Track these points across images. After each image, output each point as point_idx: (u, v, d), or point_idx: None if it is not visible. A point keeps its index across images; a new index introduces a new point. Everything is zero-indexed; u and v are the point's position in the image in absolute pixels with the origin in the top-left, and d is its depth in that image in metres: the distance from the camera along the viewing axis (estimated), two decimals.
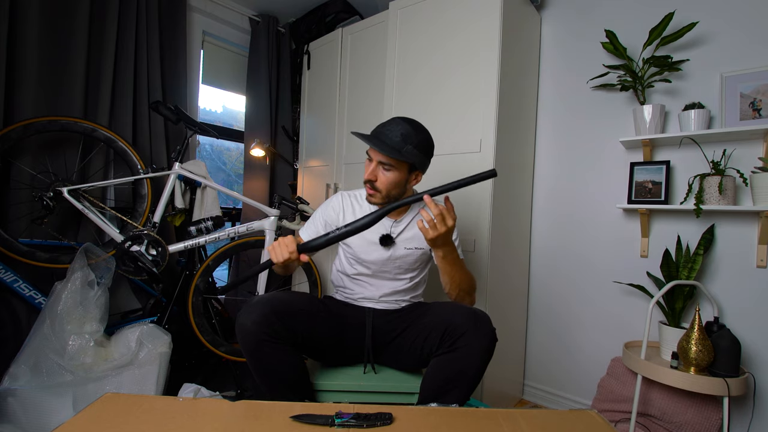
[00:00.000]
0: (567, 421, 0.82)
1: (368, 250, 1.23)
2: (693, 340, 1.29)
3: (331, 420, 0.73)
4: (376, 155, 1.14)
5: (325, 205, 1.31)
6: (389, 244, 1.22)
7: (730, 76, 1.50)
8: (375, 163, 1.15)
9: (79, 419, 0.71)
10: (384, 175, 1.14)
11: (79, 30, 1.83)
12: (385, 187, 1.15)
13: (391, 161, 1.12)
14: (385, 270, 1.25)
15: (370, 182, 1.16)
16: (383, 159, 1.13)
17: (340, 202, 1.29)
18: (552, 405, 1.93)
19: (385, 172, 1.14)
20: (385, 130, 1.14)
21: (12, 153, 1.67)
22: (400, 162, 1.13)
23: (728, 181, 1.42)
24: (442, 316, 1.10)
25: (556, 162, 1.96)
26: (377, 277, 1.26)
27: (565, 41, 1.94)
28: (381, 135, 1.14)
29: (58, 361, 1.34)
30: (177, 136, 2.24)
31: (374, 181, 1.15)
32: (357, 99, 2.28)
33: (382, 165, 1.14)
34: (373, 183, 1.15)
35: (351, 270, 1.28)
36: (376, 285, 1.27)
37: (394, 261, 1.24)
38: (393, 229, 1.24)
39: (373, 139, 1.13)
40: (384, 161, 1.13)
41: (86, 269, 1.49)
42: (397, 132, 1.13)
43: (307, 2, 2.64)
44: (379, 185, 1.15)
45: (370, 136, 1.15)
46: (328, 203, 1.31)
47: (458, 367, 1.03)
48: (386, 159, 1.12)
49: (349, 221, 1.18)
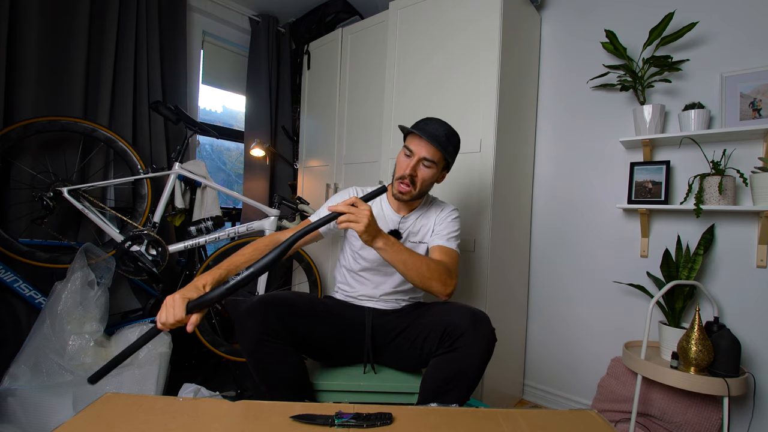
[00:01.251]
0: (567, 421, 0.82)
1: None
2: (693, 340, 1.29)
3: (331, 420, 0.72)
4: (422, 150, 1.15)
5: (338, 194, 1.32)
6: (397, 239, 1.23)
7: (730, 76, 1.50)
8: (417, 158, 1.15)
9: (79, 419, 0.71)
10: (423, 171, 1.17)
11: (79, 30, 1.83)
12: (421, 182, 1.18)
13: (436, 158, 1.15)
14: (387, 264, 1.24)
15: (411, 177, 1.16)
16: (429, 155, 1.15)
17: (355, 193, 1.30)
18: (552, 405, 1.93)
19: (426, 168, 1.17)
20: (429, 128, 1.16)
21: (12, 153, 1.67)
22: (441, 159, 1.17)
23: (728, 181, 1.42)
24: (442, 316, 1.10)
25: (556, 162, 1.96)
26: (380, 273, 1.27)
27: (565, 41, 1.94)
28: (430, 132, 1.15)
29: (58, 361, 1.34)
30: (177, 136, 2.24)
31: (414, 176, 1.16)
32: (357, 99, 2.28)
33: (424, 161, 1.15)
34: (413, 178, 1.17)
35: (356, 266, 1.29)
36: (378, 282, 1.27)
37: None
38: (401, 225, 1.27)
39: (424, 132, 1.14)
40: (429, 157, 1.15)
41: (86, 269, 1.49)
42: (442, 131, 1.16)
43: (307, 2, 2.64)
44: (417, 181, 1.17)
45: (421, 130, 1.15)
46: (343, 194, 1.31)
47: (458, 367, 1.03)
48: (433, 155, 1.15)
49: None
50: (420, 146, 1.15)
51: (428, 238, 1.27)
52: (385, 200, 1.31)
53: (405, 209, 1.29)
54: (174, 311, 0.89)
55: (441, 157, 1.17)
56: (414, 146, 1.16)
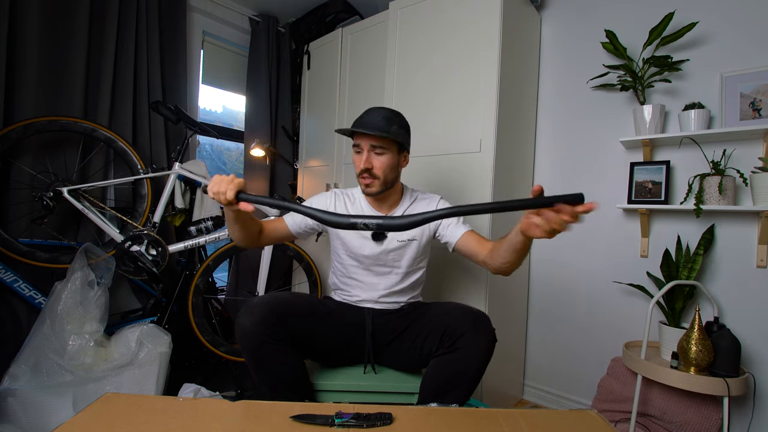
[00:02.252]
0: (567, 421, 0.82)
1: (362, 244, 1.24)
2: (693, 340, 1.29)
3: (331, 420, 0.73)
4: (366, 142, 1.17)
5: (316, 197, 1.31)
6: (381, 238, 1.23)
7: (730, 76, 1.50)
8: (366, 150, 1.17)
9: (79, 419, 0.71)
10: (378, 160, 1.17)
11: (79, 30, 1.83)
12: (382, 171, 1.18)
13: (382, 143, 1.16)
14: (379, 263, 1.25)
15: (368, 171, 1.17)
16: (375, 142, 1.16)
17: (332, 199, 1.29)
18: (552, 405, 1.93)
19: (378, 156, 1.17)
20: (365, 120, 1.18)
21: (12, 153, 1.67)
22: (390, 143, 1.17)
23: (728, 181, 1.42)
24: (442, 316, 1.10)
25: (556, 162, 1.96)
26: (373, 273, 1.25)
27: (565, 41, 1.94)
28: (365, 123, 1.17)
29: (58, 361, 1.34)
30: (177, 136, 2.24)
31: (371, 168, 1.17)
32: (357, 99, 2.28)
33: (373, 150, 1.17)
34: (370, 171, 1.17)
35: (346, 267, 1.28)
36: (372, 284, 1.26)
37: (388, 254, 1.24)
38: None
39: (359, 126, 1.16)
40: (375, 144, 1.16)
41: (86, 269, 1.49)
42: (378, 117, 1.17)
43: (307, 2, 2.64)
44: (376, 171, 1.17)
45: (357, 125, 1.17)
46: (320, 197, 1.30)
47: (458, 367, 1.03)
48: (377, 141, 1.15)
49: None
50: (363, 139, 1.17)
51: (438, 230, 1.25)
52: (365, 201, 1.29)
53: (385, 207, 1.27)
54: (229, 184, 0.93)
55: (389, 141, 1.17)
56: (359, 140, 1.19)
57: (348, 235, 1.24)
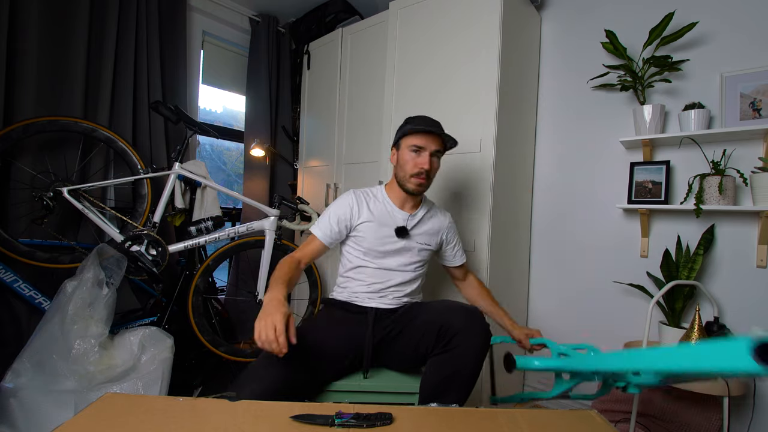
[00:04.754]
0: (567, 421, 0.82)
1: (384, 241, 1.26)
2: (693, 340, 1.29)
3: (331, 420, 0.72)
4: (432, 144, 1.21)
5: (337, 202, 1.29)
6: (405, 235, 1.26)
7: (730, 76, 1.50)
8: (429, 152, 1.21)
9: (79, 419, 0.72)
10: (435, 163, 1.24)
11: (79, 30, 1.83)
12: (435, 174, 1.26)
13: (442, 147, 1.25)
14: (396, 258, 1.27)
15: (427, 172, 1.22)
16: (438, 147, 1.23)
17: (354, 200, 1.28)
18: (552, 405, 1.93)
19: (436, 160, 1.25)
20: (428, 124, 1.22)
21: (12, 153, 1.67)
22: (443, 150, 1.27)
23: (728, 181, 1.42)
24: (436, 315, 1.10)
25: (556, 162, 1.96)
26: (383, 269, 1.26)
27: (565, 41, 1.94)
28: (436, 127, 1.22)
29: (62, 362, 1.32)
30: (177, 136, 2.24)
31: (430, 170, 1.22)
32: (357, 99, 2.28)
33: (435, 154, 1.23)
34: (429, 172, 1.22)
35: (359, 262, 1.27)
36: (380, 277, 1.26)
37: (407, 252, 1.28)
38: (409, 221, 1.28)
39: (428, 126, 1.21)
40: (438, 149, 1.23)
41: (98, 268, 1.48)
42: (438, 125, 1.24)
43: (307, 2, 2.64)
44: (433, 174, 1.25)
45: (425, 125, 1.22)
46: (342, 201, 1.28)
47: (454, 366, 1.03)
48: (440, 146, 1.23)
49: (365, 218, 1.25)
50: (428, 140, 1.21)
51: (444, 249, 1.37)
52: (386, 197, 1.29)
53: (409, 206, 1.30)
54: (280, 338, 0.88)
55: (444, 148, 1.26)
56: (423, 142, 1.21)
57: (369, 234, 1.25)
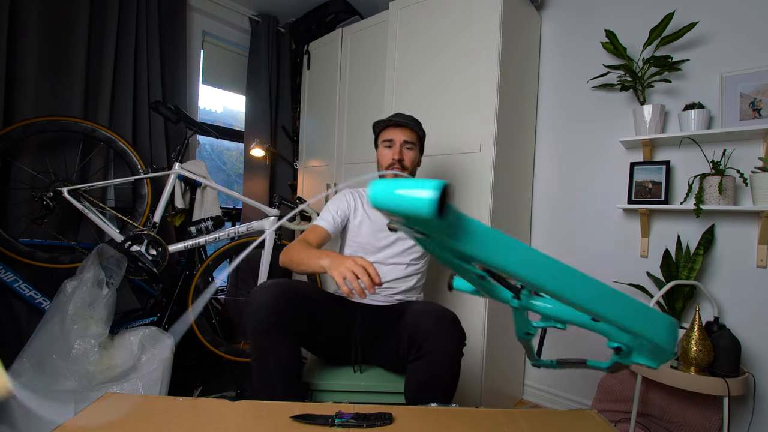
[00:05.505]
0: (567, 421, 0.82)
1: (379, 236, 1.31)
2: (693, 340, 1.29)
3: (331, 420, 0.72)
4: (400, 136, 1.28)
5: (335, 198, 1.37)
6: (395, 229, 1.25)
7: (730, 76, 1.50)
8: (399, 144, 1.28)
9: (79, 419, 0.72)
10: (409, 154, 1.29)
11: (79, 30, 1.83)
12: (410, 164, 1.30)
13: (414, 138, 1.29)
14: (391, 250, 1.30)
15: (400, 162, 1.26)
16: (408, 137, 1.28)
17: (350, 196, 1.37)
18: (552, 405, 1.93)
19: (409, 150, 1.29)
20: (399, 117, 1.29)
21: (12, 153, 1.67)
22: (418, 141, 1.32)
23: (728, 181, 1.42)
24: (410, 319, 1.06)
25: (556, 162, 1.96)
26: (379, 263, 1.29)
27: (565, 41, 1.94)
28: (401, 118, 1.28)
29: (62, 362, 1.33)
30: (177, 136, 2.24)
31: (402, 159, 1.27)
32: (357, 99, 2.28)
33: (405, 145, 1.28)
34: (402, 162, 1.27)
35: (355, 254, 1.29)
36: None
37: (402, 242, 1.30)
38: None
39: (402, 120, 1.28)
40: (407, 140, 1.28)
41: (98, 268, 1.48)
42: (408, 117, 1.30)
43: (307, 2, 2.64)
44: (406, 163, 1.28)
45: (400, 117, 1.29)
46: (339, 196, 1.37)
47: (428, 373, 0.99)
48: (410, 136, 1.28)
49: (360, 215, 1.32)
50: (397, 133, 1.28)
51: None
52: None
53: None
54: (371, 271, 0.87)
55: (417, 138, 1.31)
56: (393, 135, 1.29)
57: (365, 234, 1.30)
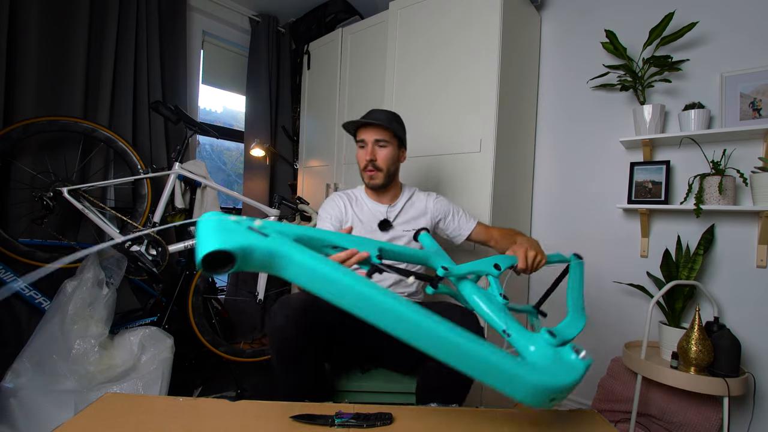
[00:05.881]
0: (567, 421, 0.83)
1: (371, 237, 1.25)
2: (693, 340, 1.29)
3: (331, 420, 0.73)
4: (371, 135, 1.24)
5: (326, 205, 1.34)
6: (388, 228, 1.28)
7: (730, 76, 1.50)
8: (370, 144, 1.24)
9: (79, 419, 0.72)
10: (381, 152, 1.25)
11: (79, 30, 1.83)
12: (385, 163, 1.25)
13: (385, 136, 1.24)
14: None
15: (372, 162, 1.24)
16: (379, 136, 1.24)
17: (339, 200, 1.34)
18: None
19: (382, 149, 1.25)
20: (370, 116, 1.26)
21: (12, 153, 1.67)
22: (392, 137, 1.26)
23: (728, 181, 1.42)
24: None
25: (556, 162, 1.96)
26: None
27: (565, 41, 1.94)
28: (371, 118, 1.25)
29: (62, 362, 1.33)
30: (177, 136, 2.24)
31: (375, 160, 1.24)
32: (357, 99, 2.28)
33: (377, 143, 1.25)
34: (374, 162, 1.24)
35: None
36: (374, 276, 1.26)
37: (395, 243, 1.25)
38: (389, 213, 1.31)
39: (370, 119, 1.24)
40: (379, 138, 1.24)
41: (98, 268, 1.48)
42: (381, 114, 1.27)
43: (307, 2, 2.64)
44: (379, 163, 1.25)
45: (366, 117, 1.25)
46: (329, 202, 1.35)
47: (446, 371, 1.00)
48: (381, 135, 1.24)
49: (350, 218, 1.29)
50: (368, 133, 1.25)
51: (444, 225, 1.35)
52: (365, 195, 1.35)
53: (386, 200, 1.33)
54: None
55: (391, 135, 1.25)
56: (364, 135, 1.26)
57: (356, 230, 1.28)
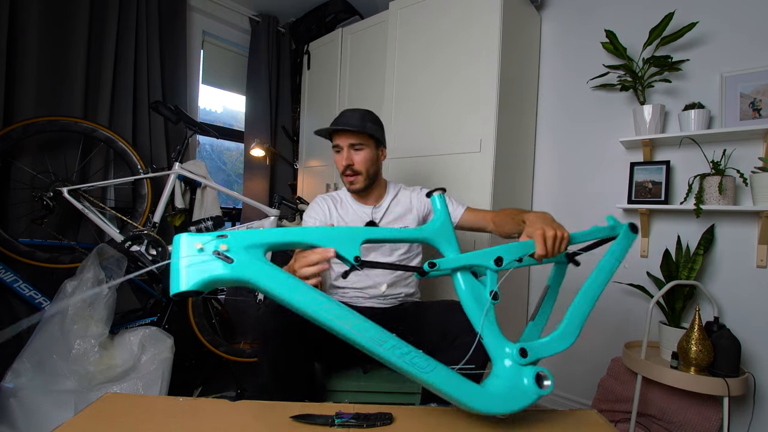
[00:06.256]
0: (567, 421, 0.82)
1: None
2: (693, 340, 1.29)
3: (331, 420, 0.72)
4: (345, 140, 1.22)
5: (310, 209, 1.32)
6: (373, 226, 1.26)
7: (730, 76, 1.50)
8: (346, 148, 1.22)
9: (79, 419, 0.72)
10: (358, 155, 1.23)
11: (79, 30, 1.83)
12: (363, 166, 1.23)
13: (360, 139, 1.22)
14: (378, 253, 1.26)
15: (349, 167, 1.22)
16: (353, 140, 1.22)
17: (324, 202, 1.32)
18: (552, 405, 1.93)
19: (358, 152, 1.23)
20: (341, 120, 1.23)
21: (12, 153, 1.67)
22: (368, 138, 1.23)
23: (728, 181, 1.42)
24: (437, 318, 1.08)
25: (556, 162, 1.96)
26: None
27: (565, 41, 1.94)
28: (341, 123, 1.22)
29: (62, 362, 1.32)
30: (177, 136, 2.24)
31: (352, 164, 1.22)
32: (357, 99, 2.28)
33: (352, 147, 1.22)
34: (351, 167, 1.22)
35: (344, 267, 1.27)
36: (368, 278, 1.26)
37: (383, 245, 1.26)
38: (375, 214, 1.29)
39: (338, 125, 1.21)
40: (354, 141, 1.22)
41: (98, 268, 1.48)
42: (354, 116, 1.22)
43: (307, 2, 2.64)
44: (357, 167, 1.23)
45: (335, 124, 1.22)
46: (313, 206, 1.33)
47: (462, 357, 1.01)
48: (355, 138, 1.22)
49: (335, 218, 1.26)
50: (342, 138, 1.23)
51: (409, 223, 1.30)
52: (350, 198, 1.33)
53: (371, 201, 1.32)
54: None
55: (365, 137, 1.23)
56: (338, 140, 1.24)
57: None
